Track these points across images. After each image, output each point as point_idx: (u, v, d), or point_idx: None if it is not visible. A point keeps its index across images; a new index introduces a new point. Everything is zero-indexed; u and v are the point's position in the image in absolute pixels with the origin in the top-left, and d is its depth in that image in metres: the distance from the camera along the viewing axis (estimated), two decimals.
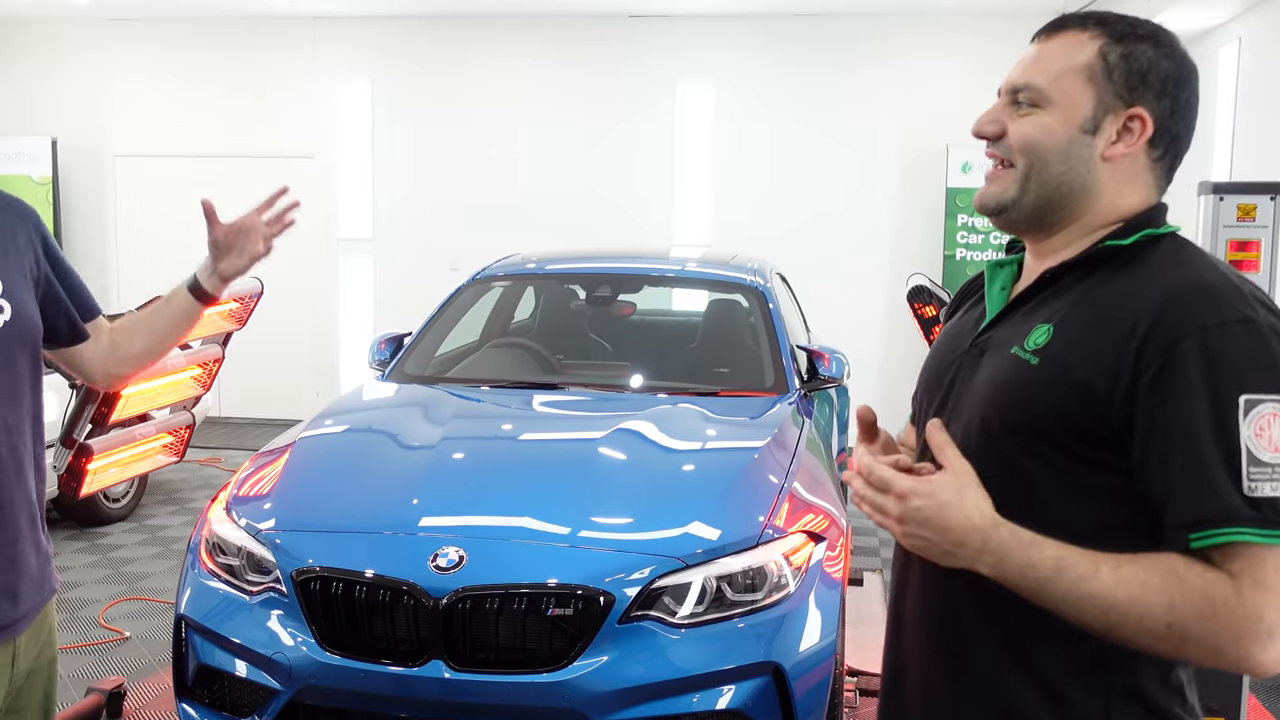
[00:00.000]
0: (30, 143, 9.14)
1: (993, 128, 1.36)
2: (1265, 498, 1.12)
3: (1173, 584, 1.13)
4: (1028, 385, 1.27)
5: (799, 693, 2.74)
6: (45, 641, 1.96)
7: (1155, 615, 1.13)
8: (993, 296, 1.44)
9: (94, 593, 4.98)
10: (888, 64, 8.53)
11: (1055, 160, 1.31)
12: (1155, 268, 1.26)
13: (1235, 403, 1.14)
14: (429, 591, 2.68)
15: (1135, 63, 1.30)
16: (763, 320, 4.46)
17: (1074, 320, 1.27)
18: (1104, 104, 1.30)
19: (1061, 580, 1.15)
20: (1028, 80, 1.33)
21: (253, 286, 3.90)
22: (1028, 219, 1.35)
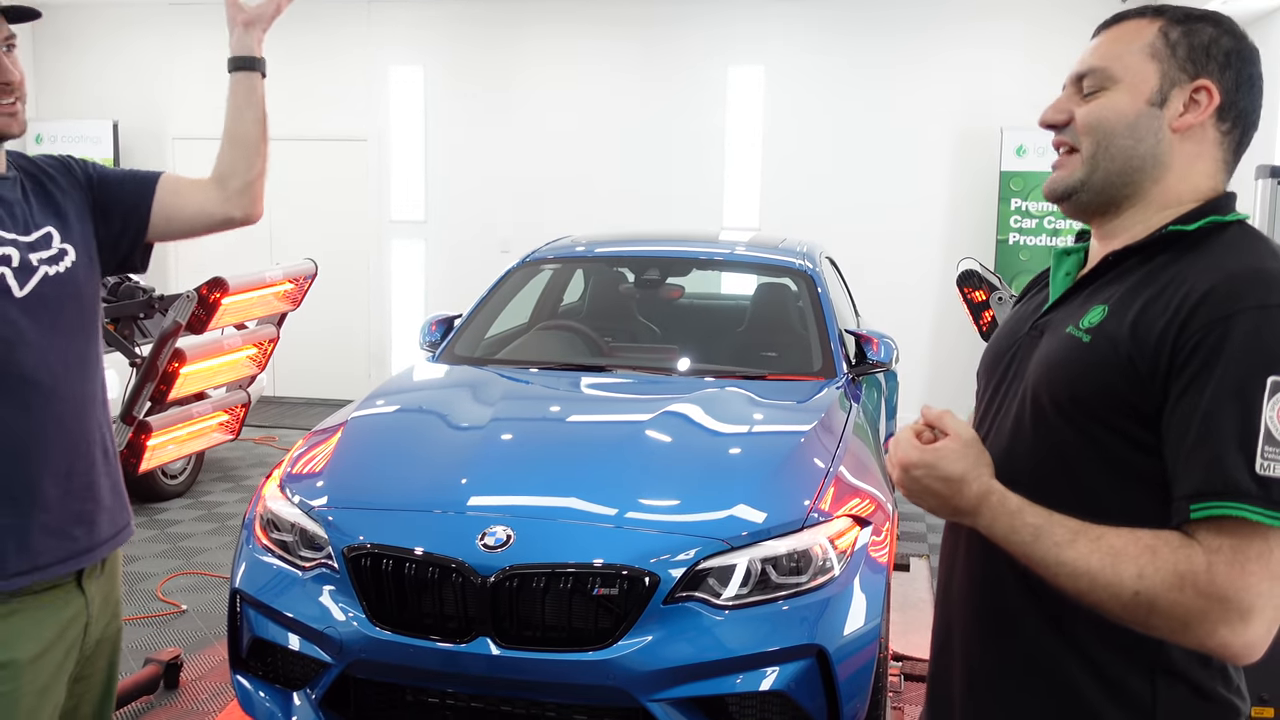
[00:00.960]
0: (92, 125, 9.32)
1: (1061, 115, 1.38)
2: (1275, 478, 1.12)
3: (1146, 555, 1.16)
4: (1078, 363, 1.29)
5: (842, 676, 2.75)
6: (113, 613, 2.04)
7: (1123, 583, 1.16)
8: (1057, 281, 1.46)
9: (152, 566, 5.10)
10: (941, 46, 8.42)
11: (1122, 134, 1.33)
12: (1215, 254, 1.27)
13: (1263, 382, 1.14)
14: (477, 569, 2.72)
15: (1197, 38, 1.33)
16: (811, 304, 4.45)
17: (1129, 301, 1.28)
18: (1170, 77, 1.32)
19: (1038, 545, 1.22)
20: (1091, 65, 1.37)
21: (307, 268, 3.97)
22: (1098, 199, 1.37)
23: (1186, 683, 1.27)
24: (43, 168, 2.01)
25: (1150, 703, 1.27)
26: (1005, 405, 1.41)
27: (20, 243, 1.85)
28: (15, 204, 1.89)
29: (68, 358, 1.89)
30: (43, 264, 1.87)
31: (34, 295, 1.84)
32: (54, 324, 1.87)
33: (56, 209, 1.96)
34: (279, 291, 3.85)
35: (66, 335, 1.89)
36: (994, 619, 1.39)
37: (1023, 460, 1.33)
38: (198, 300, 3.48)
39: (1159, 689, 1.27)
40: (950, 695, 1.47)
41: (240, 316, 3.78)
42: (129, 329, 4.14)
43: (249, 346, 3.94)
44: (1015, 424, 1.37)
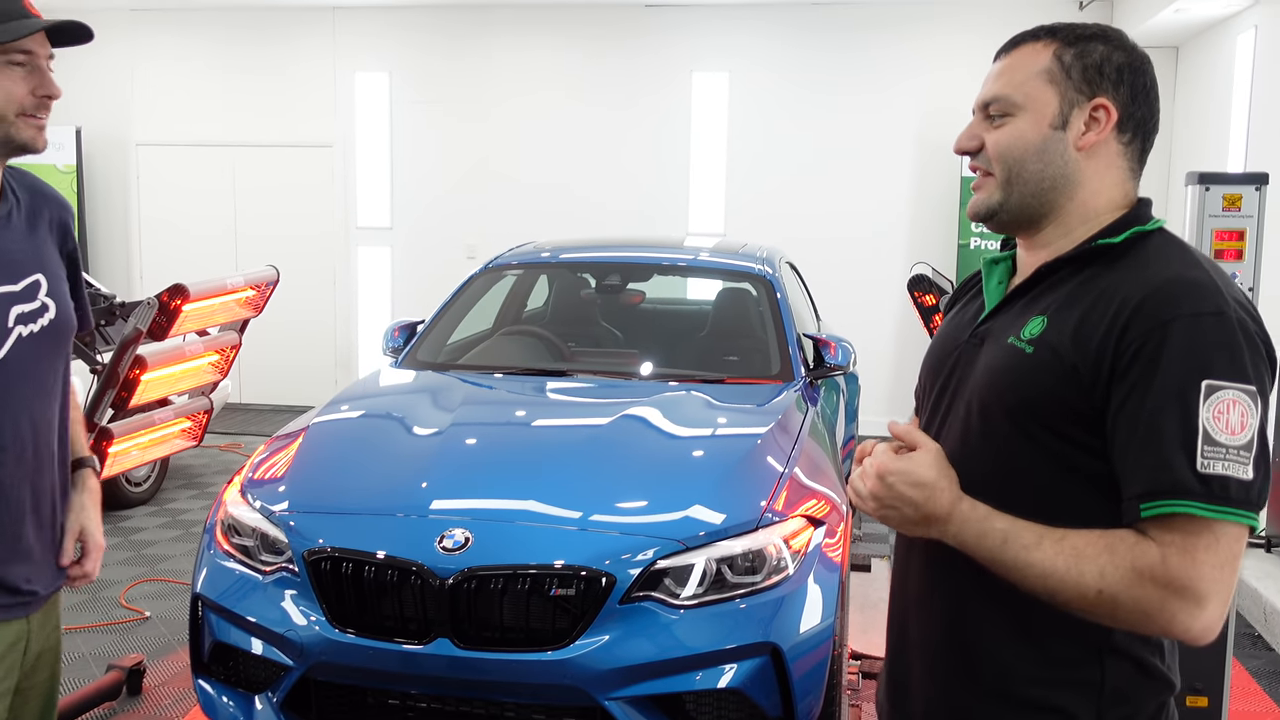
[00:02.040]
0: (55, 132, 9.25)
1: (972, 143, 1.46)
2: (1215, 475, 1.21)
3: (1105, 554, 1.23)
4: (1023, 372, 1.36)
5: (797, 673, 2.80)
6: (54, 625, 2.05)
7: (1087, 583, 1.23)
8: (990, 290, 1.53)
9: (116, 574, 5.09)
10: (902, 53, 8.53)
11: (1031, 160, 1.41)
12: (1143, 263, 1.35)
13: (1198, 386, 1.22)
14: (436, 571, 2.75)
15: (1089, 58, 1.40)
16: (770, 308, 4.51)
17: (1066, 311, 1.36)
18: (1068, 100, 1.40)
19: (1008, 550, 1.28)
20: (995, 93, 1.44)
21: (268, 274, 3.98)
22: (1017, 219, 1.45)
23: (1130, 659, 1.35)
24: (47, 196, 1.99)
25: (1099, 680, 1.35)
26: (951, 412, 1.47)
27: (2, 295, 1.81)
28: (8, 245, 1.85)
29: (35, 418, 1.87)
30: (18, 323, 1.83)
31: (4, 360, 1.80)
32: (22, 386, 1.84)
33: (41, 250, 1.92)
34: (241, 298, 3.86)
35: (36, 397, 1.87)
36: (948, 610, 1.44)
37: (974, 466, 1.39)
38: (159, 307, 3.49)
39: (1106, 667, 1.35)
40: (909, 685, 1.52)
41: (202, 323, 3.79)
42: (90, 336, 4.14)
43: (211, 353, 3.95)
44: (963, 431, 1.43)
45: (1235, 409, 1.22)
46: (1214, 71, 7.36)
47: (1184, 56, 8.00)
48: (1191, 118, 7.72)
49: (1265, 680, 4.15)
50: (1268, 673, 4.23)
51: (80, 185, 9.31)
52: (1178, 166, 7.85)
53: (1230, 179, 2.87)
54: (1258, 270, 2.86)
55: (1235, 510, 1.20)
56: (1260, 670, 4.24)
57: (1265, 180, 2.87)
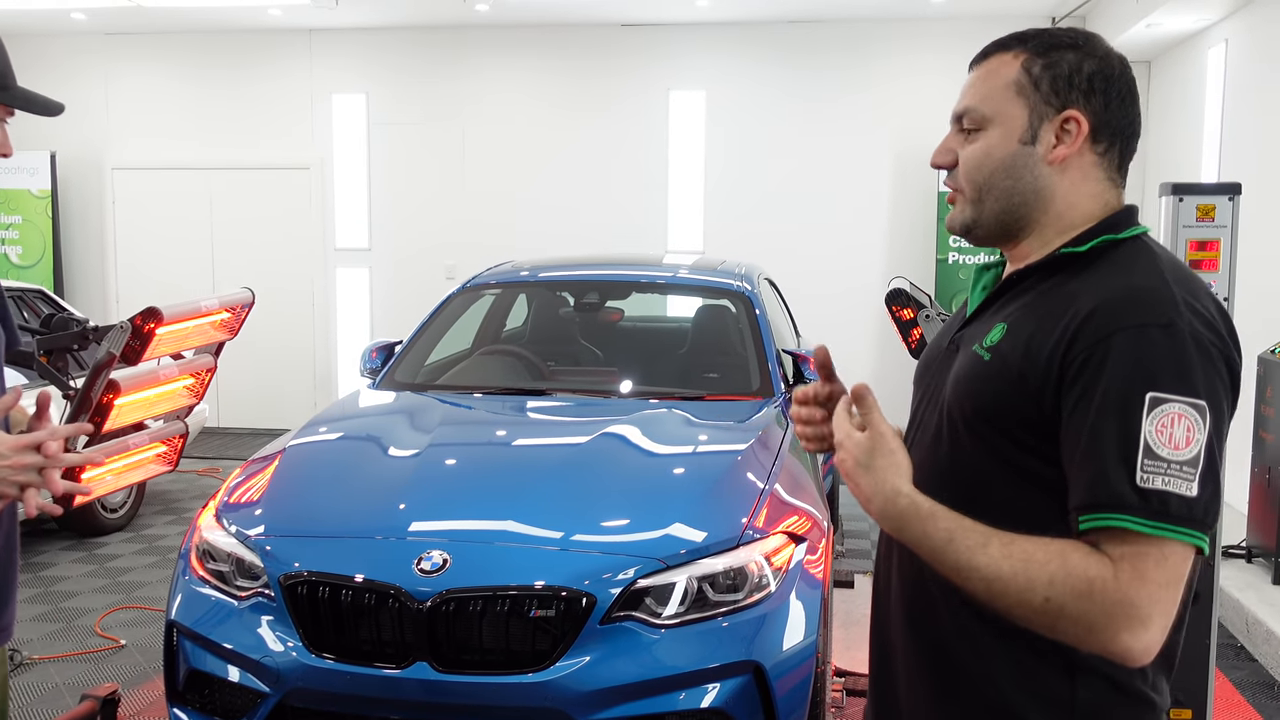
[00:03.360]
0: (30, 156, 9.22)
1: (947, 158, 1.45)
2: (1154, 489, 1.17)
3: (1056, 561, 1.20)
4: (979, 379, 1.35)
5: (780, 691, 2.78)
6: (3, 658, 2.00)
7: (1035, 589, 1.19)
8: (974, 297, 1.52)
9: (91, 602, 5.02)
10: (878, 71, 8.58)
11: (1000, 176, 1.39)
12: (1102, 273, 1.32)
13: (1141, 399, 1.19)
14: (413, 594, 2.72)
15: (1059, 69, 1.37)
16: (749, 325, 4.50)
17: (1024, 319, 1.35)
18: (1037, 113, 1.37)
19: (950, 550, 1.24)
20: (966, 105, 1.42)
21: (244, 296, 3.95)
22: (993, 233, 1.44)
23: (1104, 678, 1.31)
24: None
25: (1070, 699, 1.31)
26: (927, 417, 1.47)
27: None
28: None
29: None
30: None
31: None
32: None
33: None
34: (215, 321, 3.82)
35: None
36: (927, 624, 1.43)
37: (940, 471, 1.38)
38: (132, 331, 3.45)
39: (1077, 686, 1.31)
40: (896, 701, 1.50)
41: (176, 346, 3.75)
42: (62, 360, 4.09)
43: (186, 376, 3.90)
44: (934, 436, 1.43)
45: (1180, 423, 1.18)
46: (1186, 85, 7.43)
47: (1156, 71, 8.07)
48: (1164, 131, 7.79)
49: (1248, 691, 4.15)
50: (1251, 683, 4.23)
51: (55, 210, 9.24)
52: (1151, 178, 7.91)
53: (1203, 189, 2.88)
54: (1232, 280, 2.87)
55: (1175, 528, 1.16)
56: (1243, 681, 4.24)
57: (1238, 191, 2.88)
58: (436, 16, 8.65)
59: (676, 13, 8.45)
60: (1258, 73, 6.20)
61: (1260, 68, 6.18)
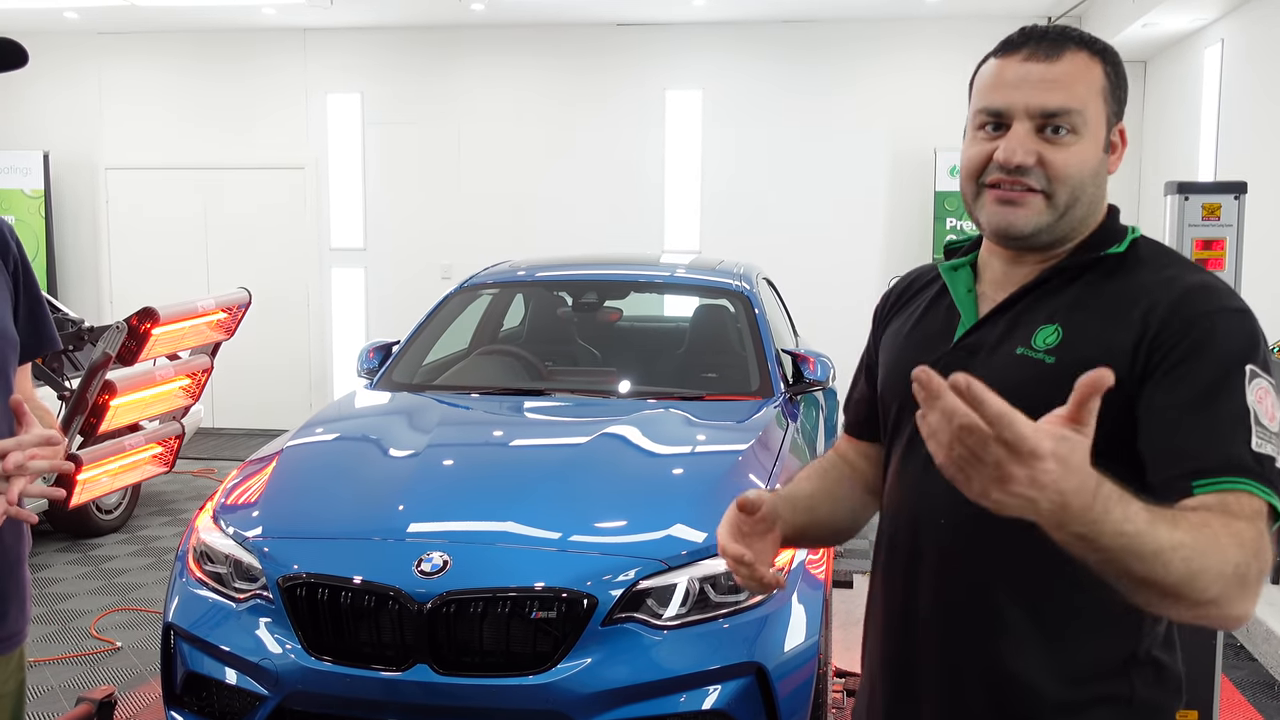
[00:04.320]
0: (22, 156, 9.18)
1: (1033, 158, 1.32)
2: (1266, 455, 1.19)
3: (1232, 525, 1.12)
4: (1046, 383, 1.27)
5: (782, 693, 2.76)
6: (17, 665, 1.97)
7: (1228, 557, 1.09)
8: (962, 298, 1.44)
9: (86, 604, 5.00)
10: (874, 70, 8.58)
11: (1090, 183, 1.35)
12: (1152, 267, 1.34)
13: (1243, 370, 1.22)
14: (413, 596, 2.70)
15: (1122, 79, 1.38)
16: (748, 325, 4.49)
17: (1082, 318, 1.32)
18: (1109, 123, 1.37)
19: (1153, 532, 1.06)
20: (1064, 105, 1.31)
21: (240, 297, 3.92)
22: (1058, 239, 1.37)
23: (1151, 665, 1.32)
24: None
25: (1129, 694, 1.31)
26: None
27: None
28: None
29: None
30: None
31: None
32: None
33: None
34: (211, 321, 3.80)
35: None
36: (972, 633, 1.35)
37: None
38: (128, 331, 3.42)
39: (1134, 679, 1.31)
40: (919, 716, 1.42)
41: (172, 347, 3.72)
42: (58, 361, 4.07)
43: (182, 377, 3.88)
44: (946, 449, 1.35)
45: (1268, 397, 1.22)
46: (1182, 85, 7.43)
47: (1152, 70, 8.07)
48: (1160, 130, 7.79)
49: (1250, 691, 4.14)
50: (1252, 683, 4.22)
51: (48, 210, 9.20)
52: (1148, 178, 7.91)
53: (1209, 188, 2.87)
54: (1238, 279, 2.86)
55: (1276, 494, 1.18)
56: (1244, 681, 4.24)
57: (1244, 190, 2.88)
58: (431, 16, 8.63)
59: (672, 12, 8.44)
60: (1254, 72, 6.20)
61: (1256, 67, 6.18)
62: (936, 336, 1.45)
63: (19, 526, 1.86)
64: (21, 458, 1.56)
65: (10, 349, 1.87)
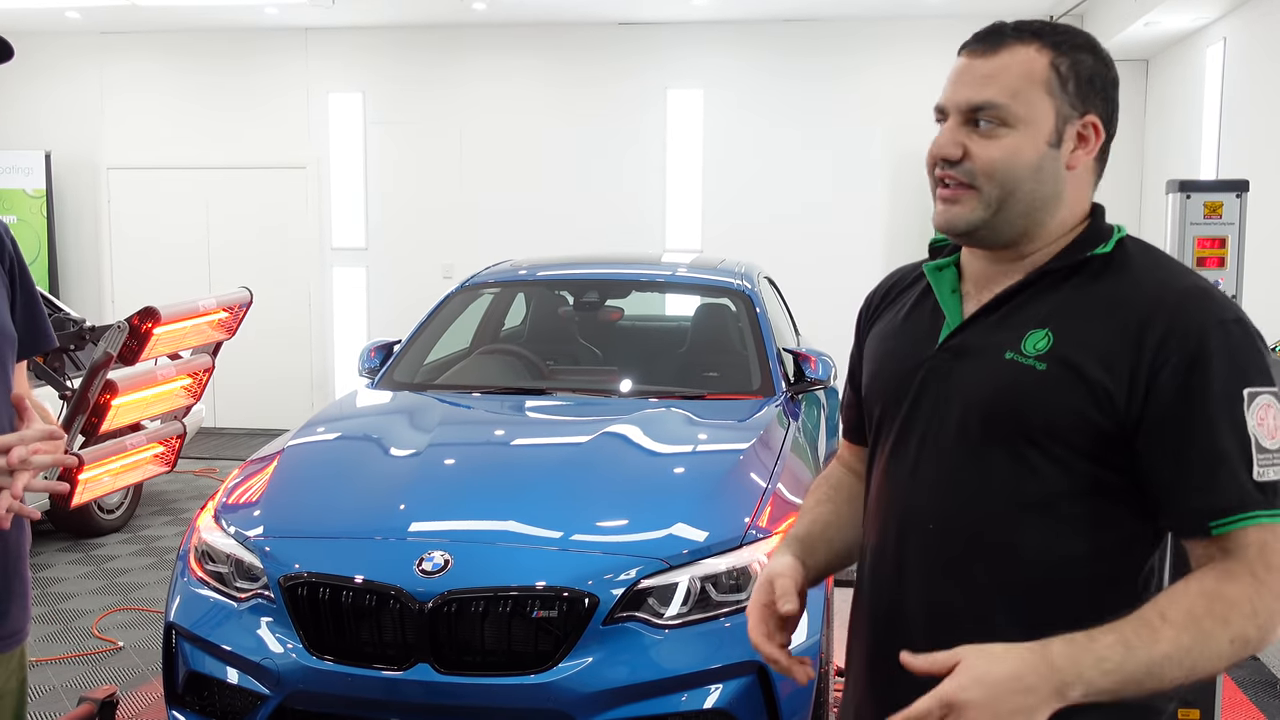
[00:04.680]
0: (25, 156, 9.18)
1: (958, 150, 1.33)
2: (1269, 481, 1.20)
3: (1217, 603, 1.17)
4: (1038, 389, 1.28)
5: (784, 692, 2.76)
6: (18, 664, 1.97)
7: (1219, 640, 1.16)
8: (947, 299, 1.43)
9: (88, 603, 5.00)
10: (875, 68, 8.57)
11: (1027, 179, 1.31)
12: (1143, 270, 1.31)
13: (1241, 395, 1.21)
14: (414, 595, 2.70)
15: (1083, 70, 1.33)
16: (749, 324, 4.49)
17: (1073, 323, 1.30)
18: (1062, 115, 1.32)
19: (1130, 660, 1.14)
20: (989, 98, 1.31)
21: (241, 296, 3.92)
22: (1002, 237, 1.35)
23: None
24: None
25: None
26: (931, 433, 1.37)
27: None
28: None
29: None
30: None
31: None
32: None
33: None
34: (213, 320, 3.80)
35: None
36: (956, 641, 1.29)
37: (960, 489, 1.32)
38: (129, 331, 3.43)
39: None
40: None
41: (174, 346, 3.73)
42: (59, 361, 4.07)
43: (183, 377, 3.88)
44: (959, 454, 1.33)
45: (1270, 413, 1.21)
46: (1184, 83, 7.42)
47: (1154, 69, 8.07)
48: (1162, 129, 7.78)
49: (1251, 690, 4.14)
50: (1253, 682, 4.22)
51: (50, 209, 9.21)
52: (1150, 177, 7.90)
53: (1211, 186, 2.87)
54: (1240, 277, 2.86)
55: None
56: (1245, 680, 4.23)
57: (1245, 188, 2.87)
58: (433, 15, 8.63)
59: (673, 11, 8.43)
60: (1256, 71, 6.20)
61: (1258, 66, 6.17)
62: (922, 339, 1.44)
63: (20, 523, 1.86)
64: (25, 452, 1.56)
65: (8, 346, 1.87)
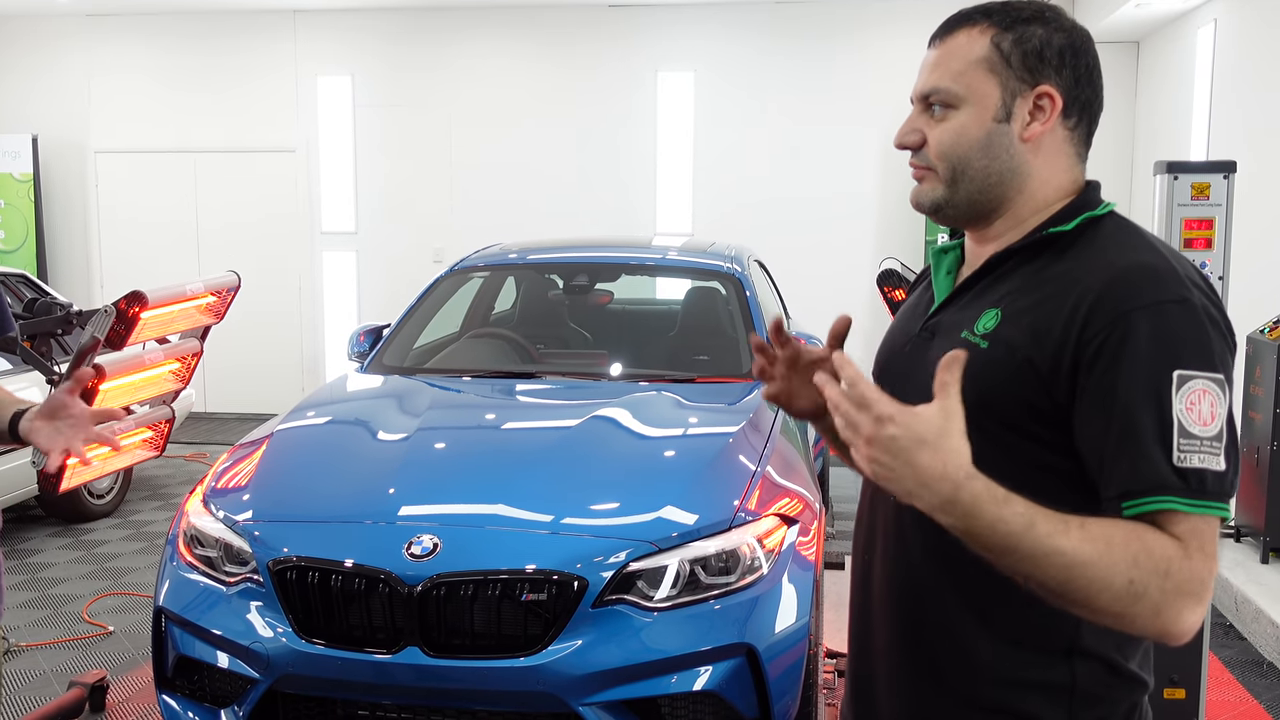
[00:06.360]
0: (11, 140, 9.12)
1: (914, 137, 1.39)
2: (1192, 468, 1.16)
3: (1136, 543, 1.15)
4: (978, 367, 1.28)
5: (773, 674, 2.77)
6: None
7: (1118, 571, 1.13)
8: (939, 282, 1.47)
9: (78, 588, 4.99)
10: (866, 49, 8.55)
11: (976, 156, 1.35)
12: (1098, 250, 1.30)
13: (1169, 377, 1.18)
14: (404, 579, 2.70)
15: (1029, 44, 1.33)
16: (739, 307, 4.49)
17: (1019, 302, 1.31)
18: (1010, 89, 1.33)
19: (1030, 535, 1.12)
20: (934, 84, 1.37)
21: (229, 280, 3.91)
22: (965, 214, 1.39)
23: (1101, 661, 1.30)
24: None
25: (1070, 683, 1.29)
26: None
27: None
28: None
29: None
30: None
31: None
32: None
33: None
34: (201, 305, 3.79)
35: None
36: (911, 613, 1.39)
37: None
38: (116, 315, 3.41)
39: (1076, 669, 1.29)
40: (874, 695, 1.46)
41: (161, 331, 3.72)
42: (46, 345, 4.05)
43: (171, 361, 3.87)
44: None
45: (1205, 399, 1.18)
46: (1175, 65, 7.42)
47: (1145, 51, 8.06)
48: (1153, 110, 7.78)
49: (1238, 670, 4.17)
50: (1240, 662, 4.25)
51: (37, 193, 9.15)
52: (1140, 158, 7.91)
53: (1198, 168, 2.86)
54: (1227, 258, 2.86)
55: (1212, 504, 1.16)
56: (1233, 660, 4.26)
57: (1233, 169, 2.87)
58: None
59: None
60: (1246, 52, 6.19)
61: (1248, 48, 6.17)
62: (915, 319, 1.49)
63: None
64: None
65: None
